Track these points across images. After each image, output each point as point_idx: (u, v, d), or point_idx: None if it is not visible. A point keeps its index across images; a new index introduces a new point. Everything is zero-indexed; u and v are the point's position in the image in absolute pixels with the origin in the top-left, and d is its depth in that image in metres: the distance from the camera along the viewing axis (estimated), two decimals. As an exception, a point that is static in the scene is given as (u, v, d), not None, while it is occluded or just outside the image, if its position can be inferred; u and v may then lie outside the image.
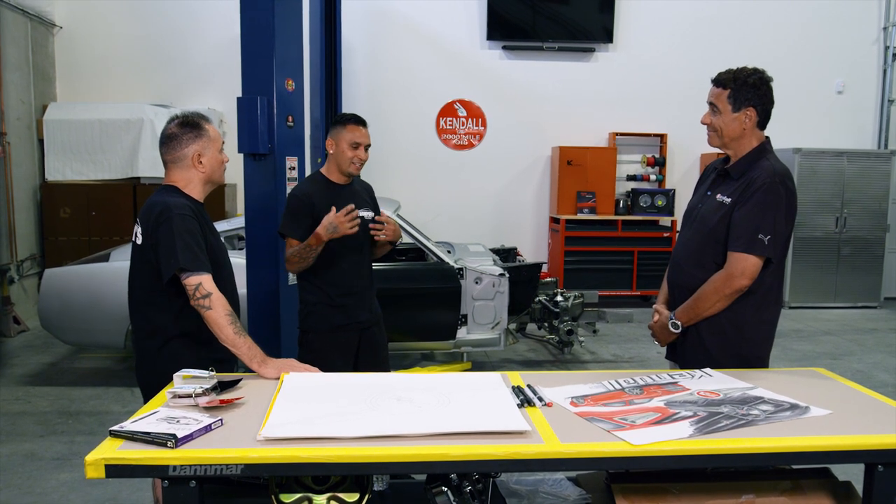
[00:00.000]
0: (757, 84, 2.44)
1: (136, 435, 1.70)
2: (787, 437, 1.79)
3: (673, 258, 2.71)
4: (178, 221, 2.28)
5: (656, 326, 2.68)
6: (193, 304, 2.25)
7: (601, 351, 6.33)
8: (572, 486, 2.19)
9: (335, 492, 1.83)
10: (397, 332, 5.25)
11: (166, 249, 2.26)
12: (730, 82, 2.47)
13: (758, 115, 2.46)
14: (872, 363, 6.08)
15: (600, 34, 8.44)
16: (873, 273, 8.48)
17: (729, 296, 2.42)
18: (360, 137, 3.17)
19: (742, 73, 2.47)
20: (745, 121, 2.46)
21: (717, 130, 2.51)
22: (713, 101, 2.50)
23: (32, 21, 7.42)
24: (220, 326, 2.24)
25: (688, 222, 2.66)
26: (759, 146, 2.49)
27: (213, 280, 2.28)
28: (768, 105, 2.48)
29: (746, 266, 2.38)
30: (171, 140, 2.43)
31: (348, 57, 7.91)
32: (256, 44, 3.88)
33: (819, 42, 8.74)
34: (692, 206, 2.67)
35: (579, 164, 8.27)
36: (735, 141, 2.50)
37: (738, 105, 2.45)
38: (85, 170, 7.40)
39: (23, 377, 5.42)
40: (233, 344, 2.25)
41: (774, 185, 2.38)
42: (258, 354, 2.27)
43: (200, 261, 2.27)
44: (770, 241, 2.36)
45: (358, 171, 3.23)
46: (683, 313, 2.53)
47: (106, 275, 5.20)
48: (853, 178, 8.30)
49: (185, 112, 2.53)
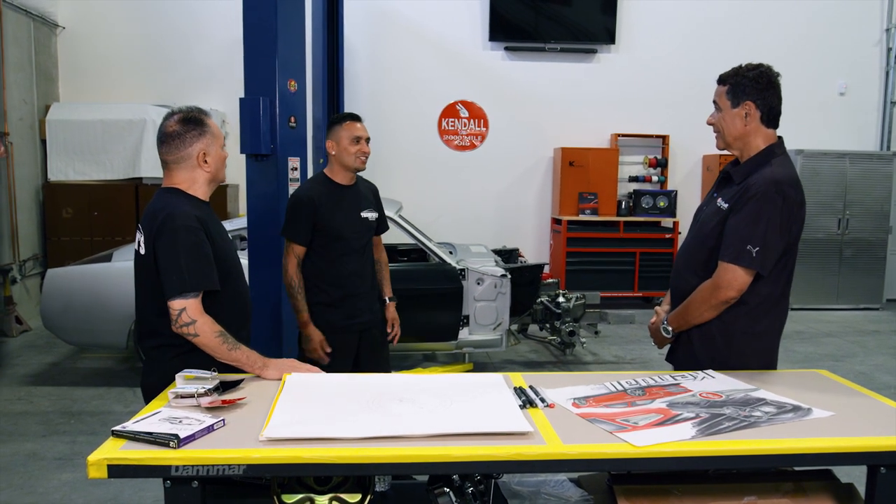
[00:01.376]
0: (756, 78, 2.34)
1: (138, 435, 1.70)
2: (789, 439, 1.78)
3: (675, 260, 2.68)
4: (181, 234, 2.17)
5: (653, 328, 2.63)
6: (175, 329, 2.16)
7: (603, 352, 6.32)
8: (574, 488, 2.19)
9: (337, 492, 1.83)
10: (399, 333, 5.24)
11: (168, 265, 2.16)
12: (729, 77, 2.39)
13: (758, 109, 2.34)
14: (874, 365, 6.07)
15: (602, 35, 8.44)
16: (875, 275, 8.46)
17: (716, 306, 2.33)
18: (359, 132, 3.18)
19: (742, 68, 2.38)
20: (746, 117, 2.34)
21: (720, 131, 2.42)
22: (715, 100, 2.43)
23: (35, 21, 7.43)
24: (212, 350, 2.19)
25: (693, 224, 2.59)
26: (766, 148, 2.36)
27: (200, 303, 2.17)
28: (771, 100, 2.35)
29: (733, 277, 2.27)
30: (173, 139, 2.27)
31: (350, 57, 7.92)
32: (259, 44, 3.88)
33: (821, 43, 8.73)
34: (699, 208, 2.60)
35: (581, 165, 8.27)
36: (739, 140, 2.38)
37: (736, 100, 2.35)
38: (87, 170, 7.40)
39: (25, 377, 5.42)
40: (230, 360, 2.21)
41: (770, 194, 2.24)
42: (258, 360, 2.25)
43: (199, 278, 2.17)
44: (759, 254, 2.23)
45: (364, 165, 3.23)
46: (674, 319, 2.49)
47: (108, 275, 5.21)
48: (855, 179, 8.29)
49: (183, 107, 2.35)
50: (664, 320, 2.53)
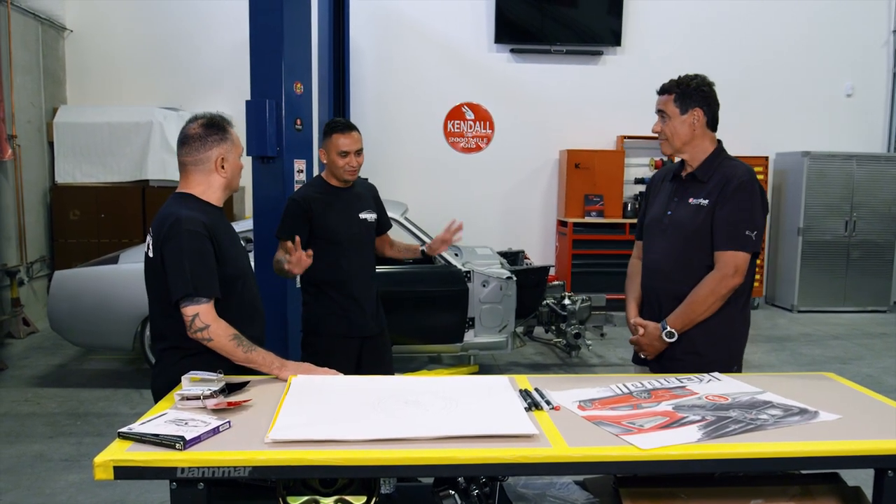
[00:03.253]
0: (700, 86, 2.52)
1: (144, 437, 1.71)
2: (795, 442, 1.78)
3: (650, 270, 2.65)
4: (186, 239, 2.17)
5: (645, 340, 2.58)
6: (191, 335, 2.17)
7: (609, 354, 6.31)
8: (580, 490, 2.19)
9: (342, 494, 1.83)
10: (404, 335, 5.25)
11: (172, 270, 2.18)
12: (674, 87, 2.53)
13: (705, 115, 2.51)
14: (882, 368, 6.04)
15: (608, 37, 8.43)
16: (883, 277, 8.42)
17: (724, 296, 2.44)
18: (347, 145, 3.12)
19: (685, 78, 2.55)
20: (694, 122, 2.51)
21: (668, 137, 2.55)
22: (661, 108, 2.55)
23: (43, 24, 7.47)
24: (228, 353, 2.20)
25: (657, 232, 2.61)
26: (717, 148, 2.55)
27: (213, 307, 2.19)
28: (714, 106, 2.54)
29: (738, 263, 2.41)
30: (193, 140, 2.30)
31: (356, 60, 7.93)
32: (265, 47, 3.89)
33: (828, 44, 8.70)
34: (656, 216, 2.63)
35: (587, 167, 8.25)
36: (687, 145, 2.54)
37: (684, 107, 2.51)
38: (94, 172, 7.43)
39: (32, 378, 5.45)
40: (247, 361, 2.23)
41: (752, 183, 2.45)
42: (275, 360, 2.27)
43: (206, 285, 2.18)
44: (756, 236, 2.42)
45: (353, 177, 3.21)
46: (677, 320, 2.48)
47: (115, 277, 5.23)
48: (862, 181, 8.26)
49: (207, 113, 2.39)
50: (663, 325, 2.50)
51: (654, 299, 2.63)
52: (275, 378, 2.27)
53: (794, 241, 8.31)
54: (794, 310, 8.30)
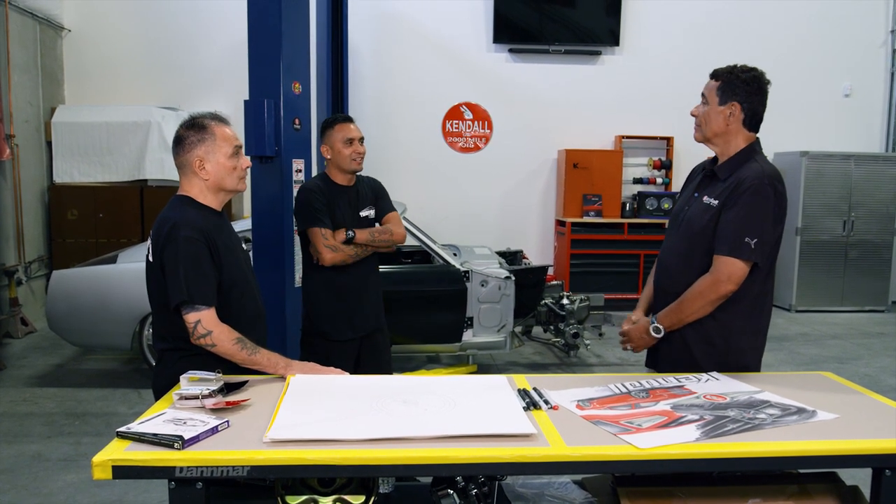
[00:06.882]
0: (748, 81, 2.38)
1: (142, 436, 1.71)
2: (793, 442, 1.78)
3: (660, 263, 2.62)
4: (182, 245, 2.16)
5: (633, 331, 2.55)
6: (194, 342, 2.18)
7: (607, 354, 6.31)
8: (578, 490, 2.19)
9: (341, 494, 1.83)
10: (403, 335, 5.25)
11: (171, 276, 2.17)
12: (723, 74, 2.41)
13: (743, 112, 2.38)
14: (880, 367, 6.05)
15: (607, 37, 8.44)
16: (881, 277, 8.43)
17: (713, 301, 2.33)
18: (352, 132, 3.17)
19: (737, 68, 2.41)
20: (729, 116, 2.38)
21: (701, 123, 2.45)
22: (704, 92, 2.46)
23: (41, 24, 7.46)
24: (231, 356, 2.20)
25: (674, 226, 2.57)
26: (747, 147, 2.41)
27: (214, 313, 2.18)
28: (756, 105, 2.39)
29: (733, 270, 2.29)
30: (176, 143, 2.28)
31: (355, 59, 7.93)
32: (263, 47, 3.89)
33: (826, 44, 8.71)
34: (678, 209, 2.58)
35: (585, 167, 8.26)
36: (719, 137, 2.43)
37: (724, 98, 2.39)
38: (92, 172, 7.43)
39: (30, 378, 5.44)
40: (251, 364, 2.23)
41: (763, 187, 2.30)
42: (279, 361, 2.26)
43: (202, 293, 2.16)
44: (757, 245, 2.27)
45: (360, 165, 3.22)
46: (666, 317, 2.43)
47: (113, 277, 5.22)
48: (861, 181, 8.27)
49: (200, 113, 2.36)
50: (653, 319, 2.47)
51: (660, 295, 2.57)
52: (273, 378, 2.26)
53: (793, 241, 8.32)
54: (792, 309, 8.31)
